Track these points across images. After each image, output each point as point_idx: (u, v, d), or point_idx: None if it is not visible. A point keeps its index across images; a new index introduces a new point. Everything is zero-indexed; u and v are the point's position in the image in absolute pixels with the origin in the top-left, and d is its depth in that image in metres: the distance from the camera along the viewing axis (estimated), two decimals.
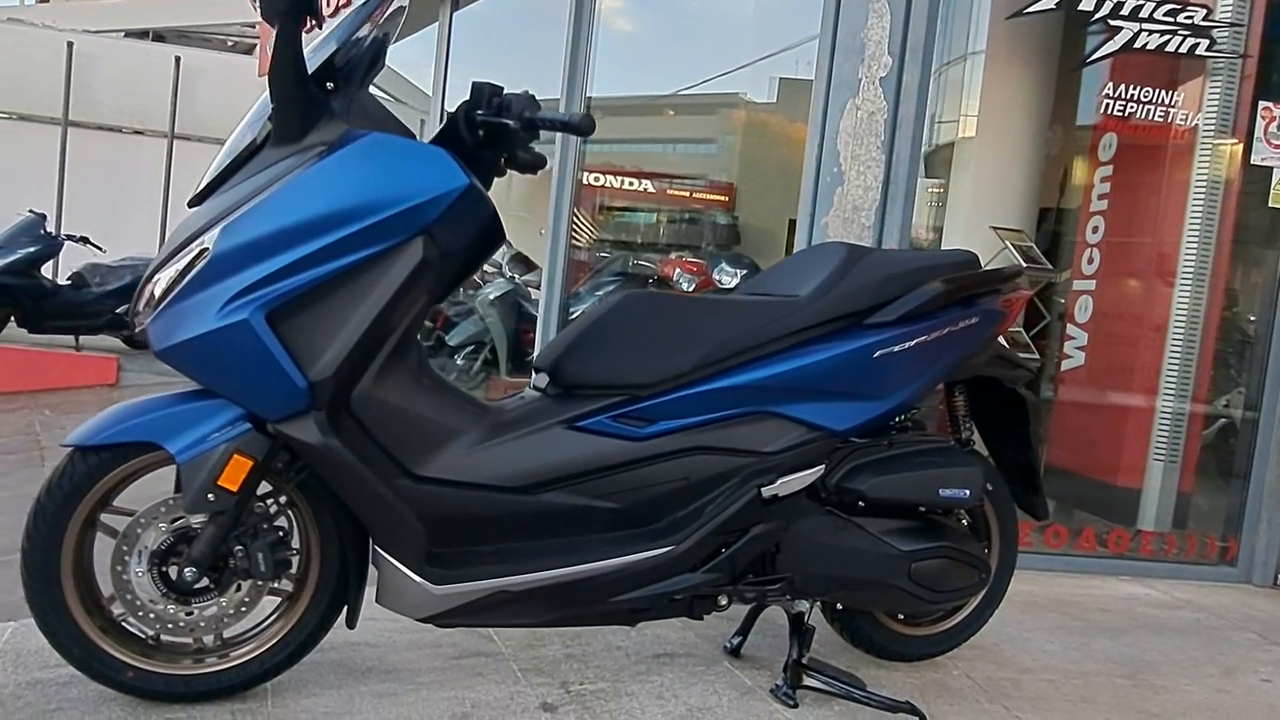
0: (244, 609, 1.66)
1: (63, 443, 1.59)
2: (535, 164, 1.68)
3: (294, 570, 1.71)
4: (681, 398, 1.75)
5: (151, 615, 1.60)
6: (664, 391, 1.75)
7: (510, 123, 1.62)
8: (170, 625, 1.62)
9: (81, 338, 8.03)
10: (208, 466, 1.54)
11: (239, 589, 1.64)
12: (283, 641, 1.70)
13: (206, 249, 1.50)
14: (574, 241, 7.05)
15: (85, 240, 8.54)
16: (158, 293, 1.53)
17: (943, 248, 3.99)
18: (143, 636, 1.66)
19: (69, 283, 8.40)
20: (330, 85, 1.57)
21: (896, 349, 1.80)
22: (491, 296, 6.75)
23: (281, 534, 1.64)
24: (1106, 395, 3.95)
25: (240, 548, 1.61)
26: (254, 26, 11.81)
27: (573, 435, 1.72)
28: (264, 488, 1.66)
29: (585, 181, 8.03)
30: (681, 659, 2.13)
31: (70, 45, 11.71)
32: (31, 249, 8.02)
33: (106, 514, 1.64)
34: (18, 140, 11.80)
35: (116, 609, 1.62)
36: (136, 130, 12.08)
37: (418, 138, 1.64)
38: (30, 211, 8.27)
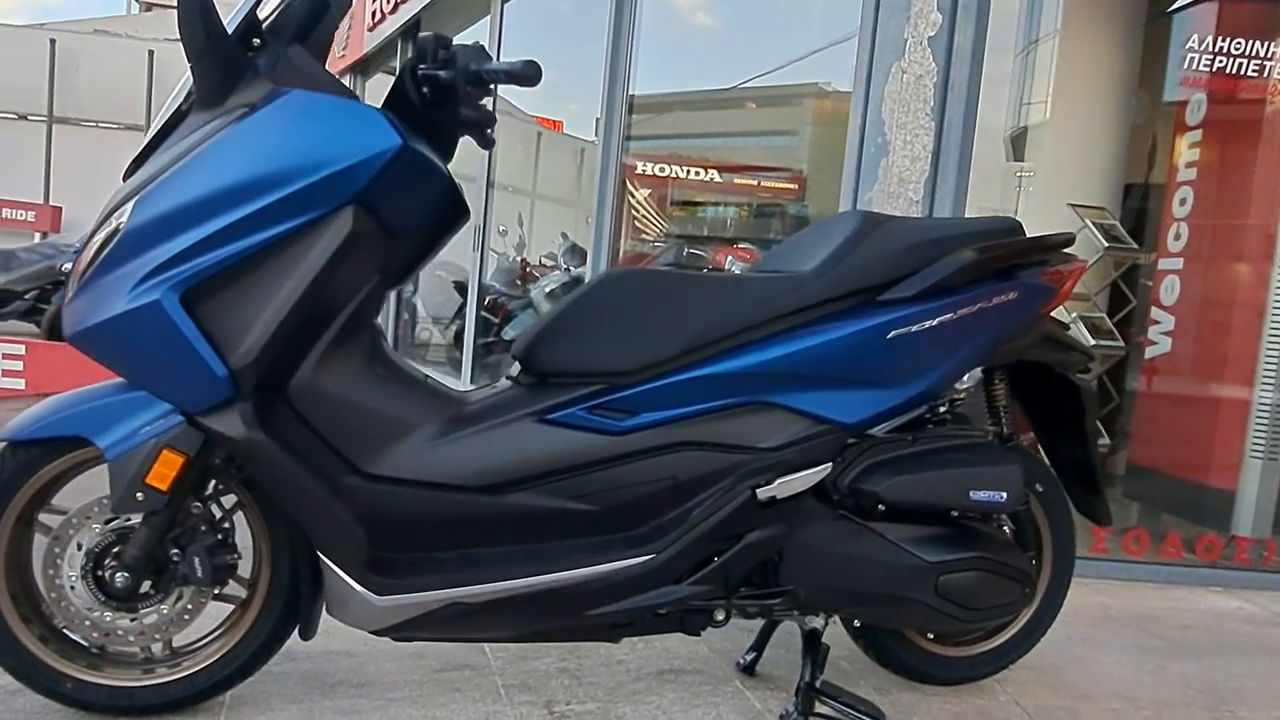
0: (186, 617, 1.53)
1: None
2: (481, 122, 1.50)
3: (247, 576, 1.57)
4: (665, 386, 1.54)
5: (87, 622, 1.49)
6: (646, 380, 1.55)
7: (443, 74, 1.44)
8: (108, 634, 1.50)
9: None
10: (136, 463, 1.41)
11: (180, 596, 1.51)
12: (232, 653, 1.57)
13: (120, 225, 1.36)
14: (641, 234, 6.89)
15: None
16: (75, 274, 1.41)
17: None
18: (85, 645, 1.55)
19: None
20: (256, 42, 1.42)
21: (914, 329, 1.56)
22: (548, 289, 6.65)
23: (221, 536, 1.51)
24: (1196, 385, 3.56)
25: (177, 551, 1.48)
26: None
27: (543, 429, 1.54)
28: (213, 487, 1.53)
29: (650, 172, 7.87)
30: (688, 676, 1.92)
31: (151, 54, 12.14)
32: None
33: (45, 514, 1.53)
34: (98, 145, 12.26)
35: (56, 616, 1.51)
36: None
37: (360, 100, 1.47)
38: None
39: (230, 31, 1.40)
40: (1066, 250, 1.76)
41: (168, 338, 1.32)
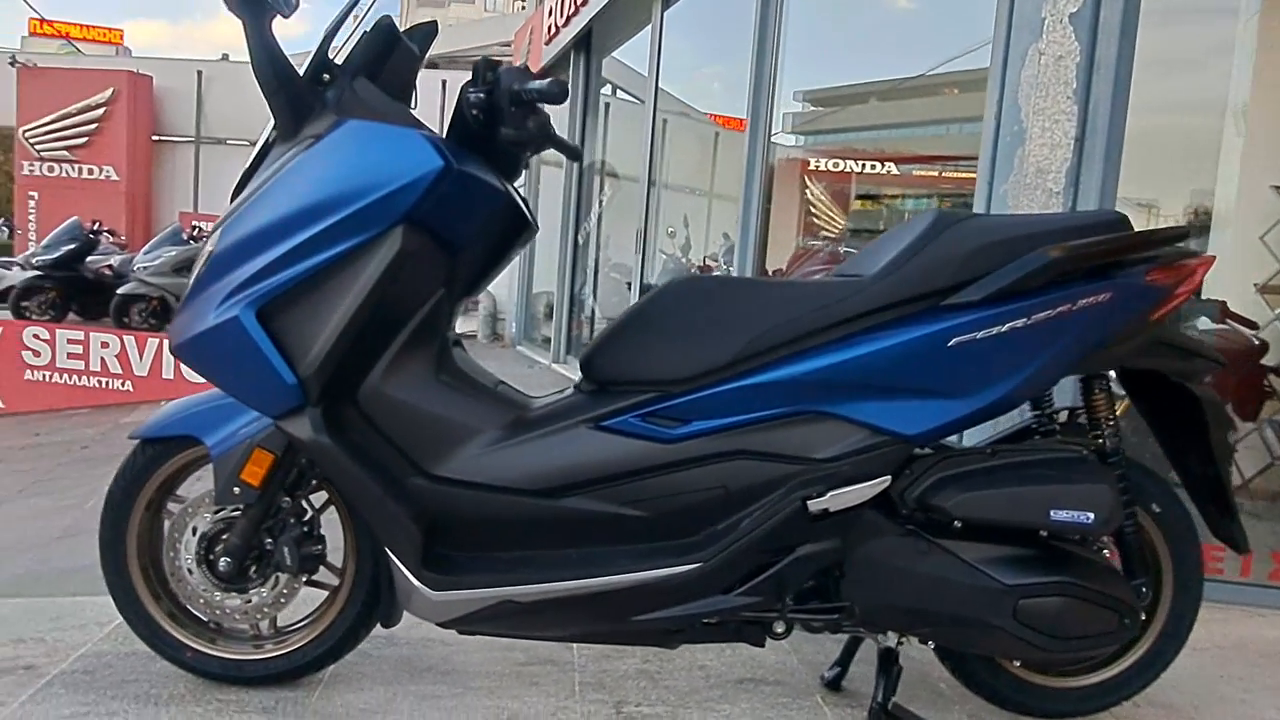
0: (283, 600, 1.69)
1: (129, 435, 1.71)
2: (520, 141, 1.54)
3: (339, 566, 1.72)
4: (718, 394, 1.53)
5: (201, 600, 1.68)
6: (698, 388, 1.54)
7: (476, 94, 1.51)
8: (218, 610, 1.68)
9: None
10: (233, 461, 1.58)
11: (276, 581, 1.67)
12: (324, 635, 1.71)
13: (211, 250, 1.53)
14: (821, 230, 6.77)
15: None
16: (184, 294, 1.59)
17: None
18: (204, 620, 1.74)
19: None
20: (326, 78, 1.55)
21: (979, 335, 1.45)
22: None
23: (308, 529, 1.65)
24: None
25: (271, 541, 1.64)
26: (508, 45, 12.65)
27: (598, 436, 1.57)
28: (305, 483, 1.68)
29: (823, 167, 7.72)
30: (768, 687, 1.89)
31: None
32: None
33: (172, 503, 1.74)
34: None
35: (177, 593, 1.72)
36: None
37: (425, 127, 1.57)
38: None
39: (305, 69, 1.53)
40: (1180, 246, 1.58)
41: (246, 350, 1.47)
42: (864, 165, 7.58)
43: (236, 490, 1.58)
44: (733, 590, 1.51)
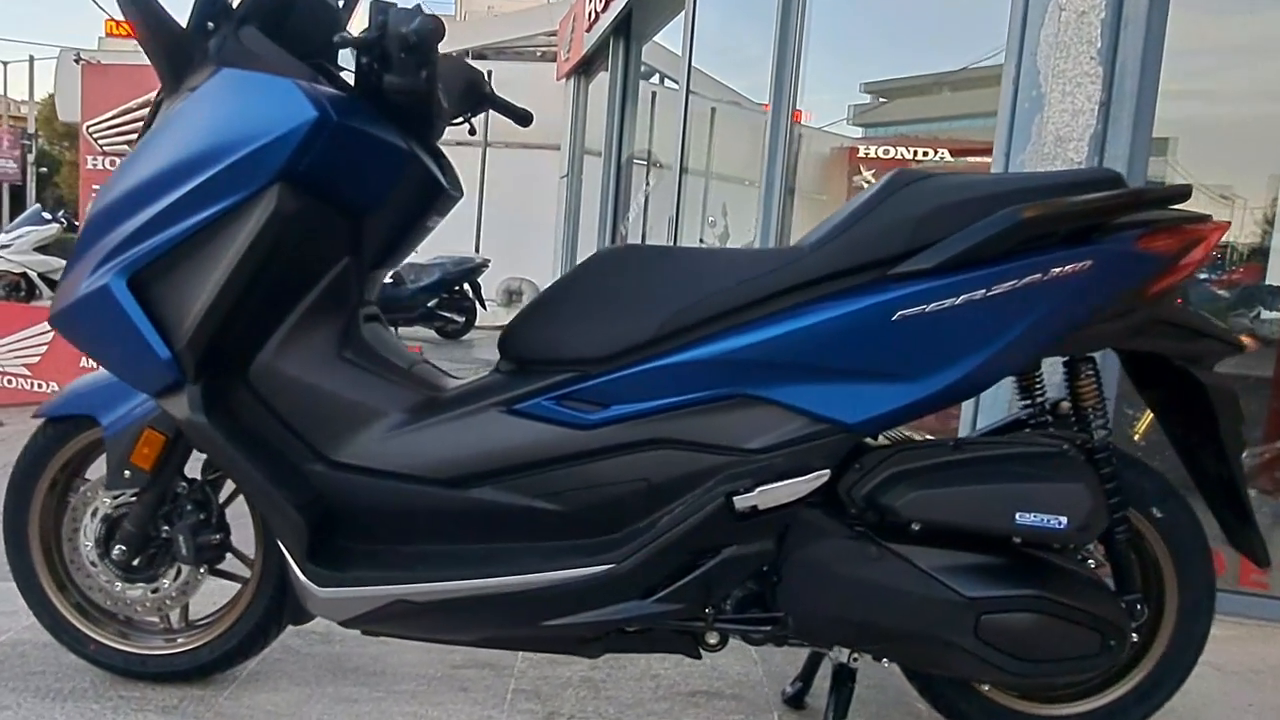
0: (185, 592, 1.57)
1: (32, 414, 1.62)
2: (409, 92, 1.38)
3: (250, 555, 1.60)
4: (638, 375, 1.36)
5: (101, 590, 1.57)
6: (617, 368, 1.37)
7: (367, 38, 1.35)
8: (119, 602, 1.58)
9: (401, 329, 9.13)
10: (124, 443, 1.47)
11: (179, 572, 1.56)
12: (230, 631, 1.59)
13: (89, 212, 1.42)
14: None
15: None
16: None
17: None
18: (109, 611, 1.64)
19: (390, 280, 9.61)
20: (211, 26, 1.42)
21: (929, 309, 1.25)
22: None
23: (206, 516, 1.53)
24: None
25: (167, 529, 1.52)
26: (553, 35, 12.56)
27: (509, 420, 1.41)
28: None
29: (873, 155, 7.44)
30: (723, 701, 1.72)
31: (489, 73, 13.30)
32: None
33: (80, 486, 1.64)
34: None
35: (79, 582, 1.62)
36: (459, 142, 13.39)
37: (319, 77, 1.42)
38: None
39: (189, 17, 1.41)
40: (1182, 209, 1.35)
41: (118, 321, 1.35)
42: (915, 153, 7.28)
43: (127, 474, 1.47)
44: (652, 595, 1.35)
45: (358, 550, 1.43)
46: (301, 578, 1.37)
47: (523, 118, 1.99)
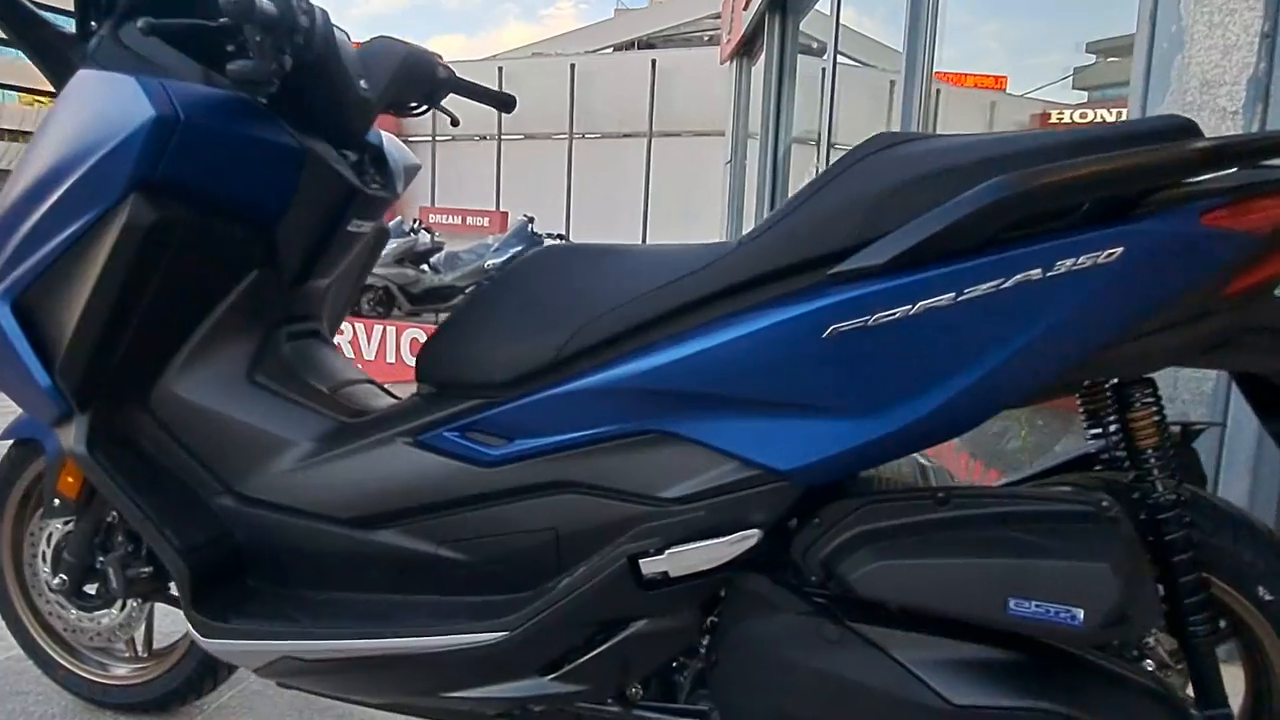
0: (129, 624, 1.50)
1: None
2: (254, 81, 1.17)
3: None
4: (541, 403, 1.12)
5: (55, 617, 1.53)
6: (522, 394, 1.14)
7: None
8: (74, 630, 1.53)
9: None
10: (53, 471, 1.40)
11: (125, 603, 1.49)
12: (178, 667, 1.51)
13: None
14: None
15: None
16: None
17: None
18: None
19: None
20: (93, 26, 1.30)
21: (871, 321, 0.92)
22: None
23: (133, 548, 1.44)
24: None
25: (102, 559, 1.45)
26: (717, 17, 12.27)
27: (414, 454, 1.21)
28: None
29: (1066, 120, 6.68)
30: None
31: (573, 67, 13.48)
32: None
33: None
34: (535, 156, 13.96)
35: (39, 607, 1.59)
36: (625, 134, 13.46)
37: (208, 80, 1.26)
38: (524, 216, 9.74)
39: (77, 16, 1.30)
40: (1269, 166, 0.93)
41: (5, 348, 1.27)
42: (1119, 115, 6.44)
43: (57, 503, 1.40)
44: (554, 672, 1.11)
45: (262, 595, 1.28)
46: (189, 624, 1.24)
47: (504, 102, 1.79)
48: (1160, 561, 1.02)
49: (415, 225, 10.70)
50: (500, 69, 14.32)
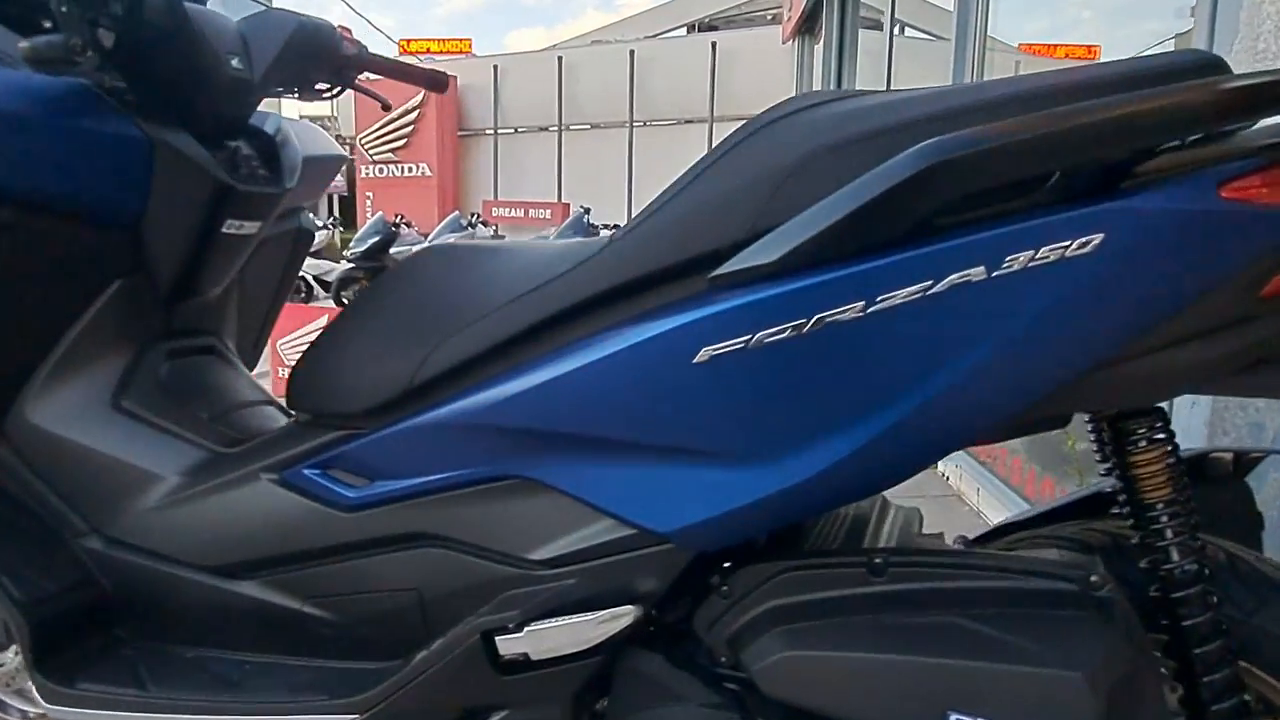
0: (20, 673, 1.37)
1: None
2: (40, 56, 0.99)
3: None
4: (396, 438, 0.93)
5: None
6: (379, 426, 0.95)
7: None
8: None
9: None
10: None
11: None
12: None
13: None
14: None
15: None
16: None
17: None
18: None
19: None
20: None
21: (752, 343, 0.69)
22: None
23: None
24: None
25: None
26: None
27: (276, 492, 1.04)
28: None
29: None
30: None
31: (632, 54, 13.23)
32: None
33: None
34: (596, 146, 13.79)
35: None
36: (687, 120, 13.16)
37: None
38: (581, 207, 9.63)
39: None
40: None
41: None
42: None
43: None
44: None
45: (121, 654, 1.13)
46: (31, 686, 1.09)
47: (435, 82, 1.61)
48: (1177, 653, 0.76)
49: (473, 219, 10.67)
50: (560, 59, 14.19)
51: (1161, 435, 0.77)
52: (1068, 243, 0.64)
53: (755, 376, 0.70)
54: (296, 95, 1.40)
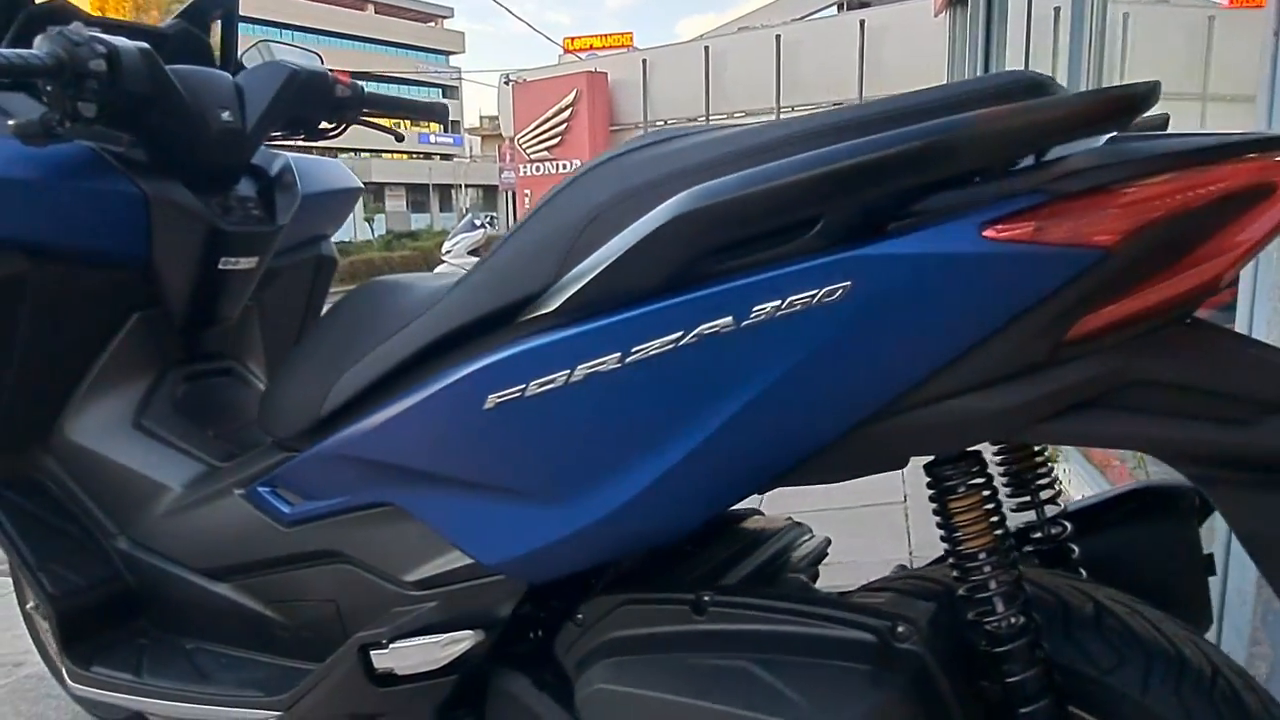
0: None
1: None
2: (24, 132, 1.10)
3: None
4: (310, 463, 1.02)
5: None
6: (305, 448, 1.04)
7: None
8: None
9: None
10: None
11: None
12: None
13: None
14: None
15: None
16: None
17: None
18: None
19: None
20: None
21: (528, 390, 0.71)
22: None
23: None
24: None
25: None
26: None
27: (241, 506, 1.16)
28: None
29: None
30: None
31: (778, 38, 13.02)
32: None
33: None
34: None
35: None
36: (834, 103, 12.80)
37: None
38: None
39: None
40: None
41: None
42: None
43: None
44: None
45: (138, 644, 1.29)
46: (58, 665, 1.28)
47: (434, 113, 1.69)
48: (1007, 709, 0.73)
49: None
50: (707, 49, 14.18)
51: (977, 481, 0.73)
52: (814, 292, 0.63)
53: (534, 423, 0.73)
54: (303, 137, 1.52)
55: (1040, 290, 0.62)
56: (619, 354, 0.68)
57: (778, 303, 0.64)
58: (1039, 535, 0.88)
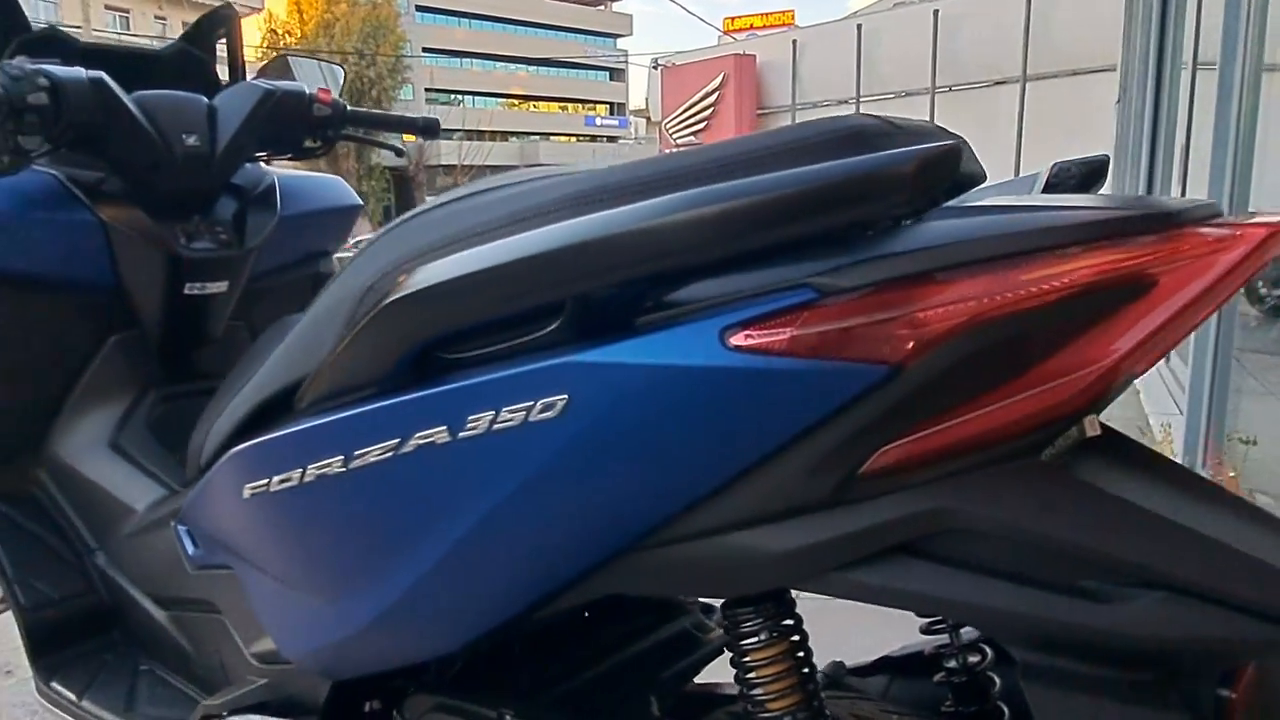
0: None
1: None
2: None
3: None
4: (188, 509, 0.99)
5: None
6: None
7: None
8: None
9: None
10: None
11: None
12: None
13: None
14: None
15: None
16: None
17: None
18: None
19: None
20: None
21: (274, 484, 0.63)
22: None
23: None
24: None
25: None
26: None
27: (170, 538, 1.15)
28: None
29: None
30: None
31: (936, 14, 12.26)
32: None
33: None
34: (903, 112, 12.98)
35: None
36: (995, 81, 11.96)
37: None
38: None
39: None
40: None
41: None
42: None
43: None
44: None
45: (98, 661, 1.32)
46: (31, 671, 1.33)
47: (425, 129, 1.63)
48: None
49: None
50: (859, 26, 13.57)
51: (782, 629, 0.58)
52: (531, 403, 0.51)
53: (284, 518, 0.65)
54: (290, 157, 1.51)
55: (808, 415, 0.48)
56: (342, 457, 0.59)
57: (492, 414, 0.53)
58: (952, 665, 0.72)
